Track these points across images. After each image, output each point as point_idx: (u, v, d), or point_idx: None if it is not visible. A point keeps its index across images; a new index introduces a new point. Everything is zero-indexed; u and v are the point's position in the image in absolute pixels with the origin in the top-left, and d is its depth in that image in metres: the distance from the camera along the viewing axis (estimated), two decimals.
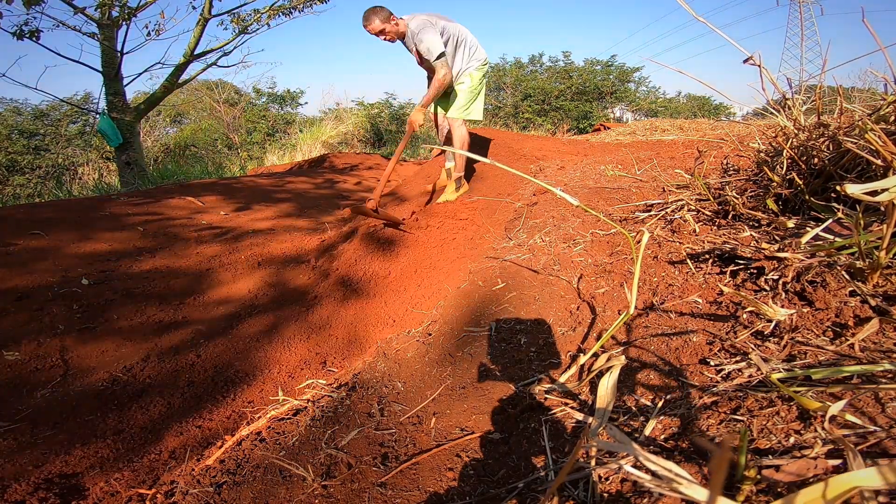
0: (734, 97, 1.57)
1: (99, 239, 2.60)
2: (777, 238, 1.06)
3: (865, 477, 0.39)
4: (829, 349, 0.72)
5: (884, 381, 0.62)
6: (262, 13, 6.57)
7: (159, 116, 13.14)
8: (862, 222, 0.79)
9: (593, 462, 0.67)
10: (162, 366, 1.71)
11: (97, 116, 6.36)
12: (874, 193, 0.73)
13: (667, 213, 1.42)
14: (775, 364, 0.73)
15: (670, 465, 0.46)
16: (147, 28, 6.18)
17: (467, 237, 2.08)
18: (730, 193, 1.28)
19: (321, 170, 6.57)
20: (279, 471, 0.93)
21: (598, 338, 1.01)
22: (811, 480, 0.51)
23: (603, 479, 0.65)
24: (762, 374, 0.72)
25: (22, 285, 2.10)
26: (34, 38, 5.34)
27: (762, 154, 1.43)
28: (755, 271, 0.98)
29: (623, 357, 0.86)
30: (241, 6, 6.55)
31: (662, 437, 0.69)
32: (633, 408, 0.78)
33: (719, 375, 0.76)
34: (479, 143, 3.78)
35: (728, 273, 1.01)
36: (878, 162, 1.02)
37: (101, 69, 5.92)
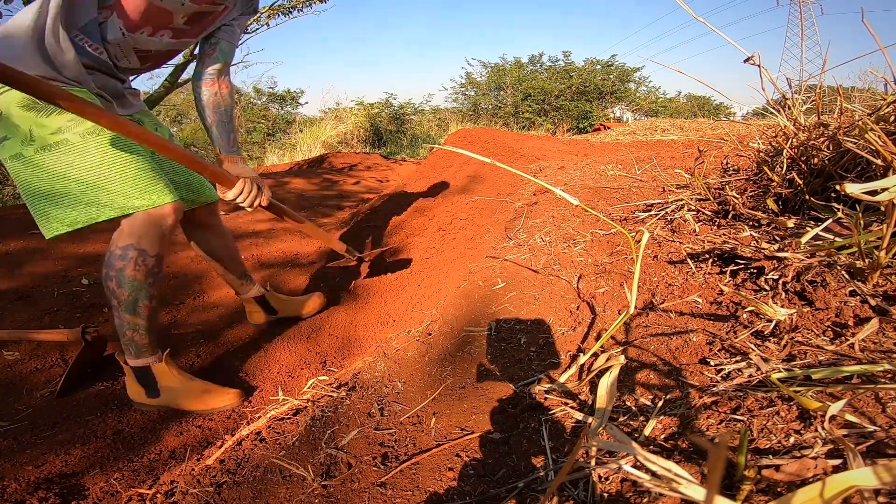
0: (734, 97, 1.57)
1: (99, 239, 2.60)
2: (777, 238, 1.06)
3: (862, 476, 0.39)
4: (829, 349, 0.72)
5: (884, 381, 0.62)
6: (262, 13, 6.56)
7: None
8: (862, 222, 0.79)
9: (593, 462, 0.67)
10: None
11: None
12: (874, 193, 0.73)
13: (667, 212, 1.42)
14: (775, 364, 0.73)
15: (670, 464, 0.46)
16: None
17: (467, 237, 2.08)
18: (730, 193, 1.28)
19: (321, 170, 6.57)
20: (279, 470, 0.93)
21: (598, 338, 1.01)
22: (811, 480, 0.51)
23: (603, 479, 0.65)
24: (762, 373, 0.72)
25: (22, 285, 2.10)
26: None
27: (762, 154, 1.43)
28: (755, 271, 0.98)
29: (623, 357, 0.87)
30: None
31: (662, 436, 0.69)
32: (633, 408, 0.78)
33: (719, 375, 0.76)
34: (479, 143, 3.78)
35: (728, 273, 1.01)
36: (878, 162, 1.02)
37: None
